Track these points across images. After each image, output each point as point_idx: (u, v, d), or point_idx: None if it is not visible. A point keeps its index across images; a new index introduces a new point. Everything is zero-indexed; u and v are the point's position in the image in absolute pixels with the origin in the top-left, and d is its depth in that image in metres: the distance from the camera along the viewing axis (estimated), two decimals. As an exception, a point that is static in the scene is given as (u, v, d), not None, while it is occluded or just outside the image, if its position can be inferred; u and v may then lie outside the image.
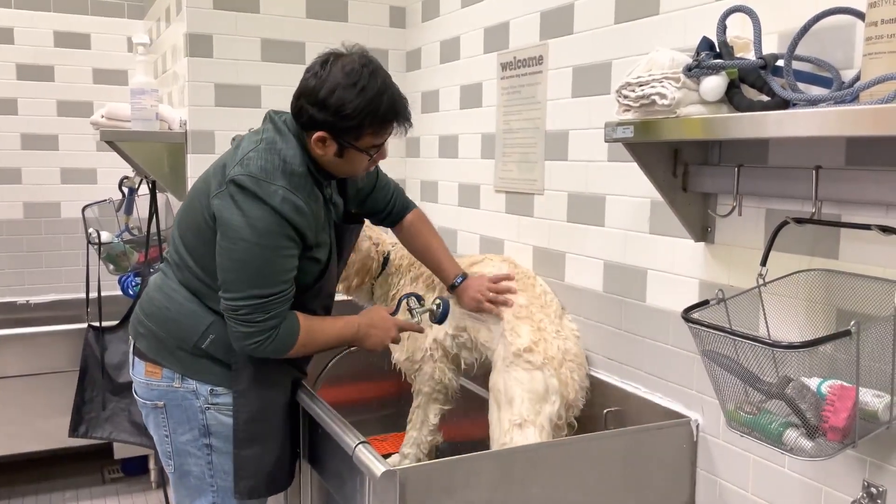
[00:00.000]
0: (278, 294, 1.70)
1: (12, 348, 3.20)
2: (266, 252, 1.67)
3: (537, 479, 1.63)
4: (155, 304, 1.87)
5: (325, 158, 1.75)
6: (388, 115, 1.71)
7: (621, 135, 1.54)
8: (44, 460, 3.68)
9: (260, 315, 1.69)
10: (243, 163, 1.69)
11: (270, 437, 1.87)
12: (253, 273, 1.68)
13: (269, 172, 1.68)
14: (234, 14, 2.85)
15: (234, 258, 1.68)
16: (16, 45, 3.82)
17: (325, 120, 1.67)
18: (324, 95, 1.65)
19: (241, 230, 1.66)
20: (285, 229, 1.67)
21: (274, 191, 1.66)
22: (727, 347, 1.33)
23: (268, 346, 1.72)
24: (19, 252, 3.94)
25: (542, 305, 2.07)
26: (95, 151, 3.96)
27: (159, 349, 1.85)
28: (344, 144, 1.71)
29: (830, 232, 1.45)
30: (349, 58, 1.70)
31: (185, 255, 1.82)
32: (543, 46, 2.28)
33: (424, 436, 2.30)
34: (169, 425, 1.88)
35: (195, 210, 1.79)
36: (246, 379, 1.82)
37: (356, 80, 1.66)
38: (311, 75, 1.69)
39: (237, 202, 1.66)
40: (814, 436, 1.27)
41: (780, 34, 1.53)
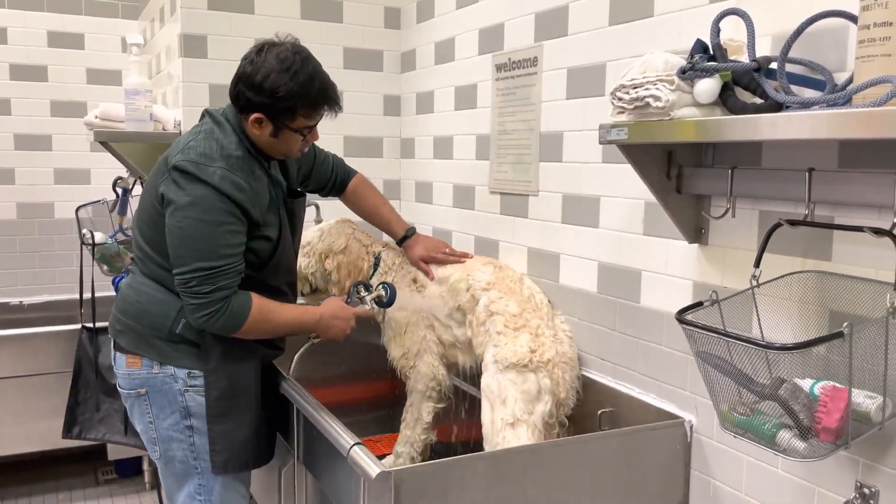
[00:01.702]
0: (224, 266, 1.80)
1: (6, 349, 3.19)
2: (210, 227, 1.78)
3: (532, 479, 1.63)
4: (127, 300, 1.97)
5: (261, 139, 1.88)
6: (319, 98, 1.86)
7: (615, 137, 1.54)
8: (37, 461, 3.66)
9: (207, 286, 1.79)
10: (184, 151, 1.82)
11: (242, 412, 1.95)
12: (199, 246, 1.78)
13: (207, 156, 1.81)
14: (229, 14, 2.84)
15: (181, 234, 1.79)
16: (9, 45, 3.80)
17: (262, 102, 1.81)
18: (259, 80, 1.80)
19: (185, 208, 1.78)
20: (227, 205, 1.79)
21: (213, 171, 1.79)
22: (721, 349, 1.33)
23: (218, 319, 1.81)
24: (13, 252, 3.92)
25: (535, 308, 2.08)
26: (89, 152, 3.94)
27: (138, 341, 1.94)
28: (279, 125, 1.85)
29: (823, 234, 1.46)
30: (282, 46, 1.84)
31: (145, 248, 1.93)
32: (538, 48, 2.28)
33: (418, 434, 2.30)
34: (152, 411, 1.96)
35: (146, 202, 1.91)
36: (215, 357, 1.91)
37: (289, 65, 1.80)
38: (248, 62, 1.84)
39: (179, 185, 1.79)
40: (807, 437, 1.28)
41: (773, 36, 1.53)
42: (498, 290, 2.10)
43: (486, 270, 2.17)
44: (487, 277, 2.14)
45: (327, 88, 1.88)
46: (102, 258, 3.24)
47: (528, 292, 2.14)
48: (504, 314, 2.01)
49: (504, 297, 2.06)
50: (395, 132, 3.22)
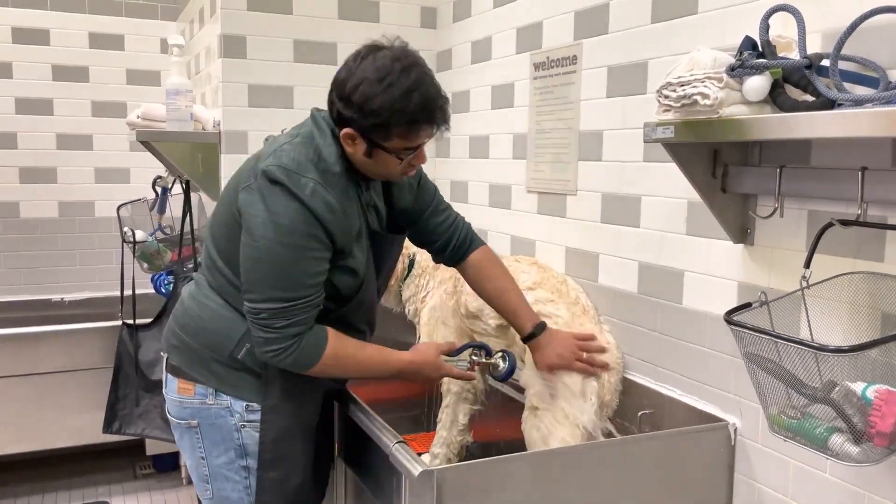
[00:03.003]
0: (301, 299, 1.59)
1: (48, 345, 3.26)
2: (290, 251, 1.57)
3: (573, 481, 1.62)
4: (188, 314, 1.78)
5: (355, 157, 1.65)
6: (417, 116, 1.57)
7: (661, 135, 1.52)
8: (77, 455, 3.73)
9: (280, 321, 1.58)
10: (276, 154, 1.61)
11: (298, 457, 1.76)
12: (275, 274, 1.58)
13: (301, 164, 1.59)
14: (268, 15, 2.87)
15: (256, 257, 1.59)
16: (51, 47, 3.88)
17: (351, 116, 1.57)
18: (349, 90, 1.56)
19: (264, 226, 1.57)
20: (313, 228, 1.57)
21: (304, 183, 1.57)
22: (770, 351, 1.31)
23: (287, 356, 1.61)
24: (54, 250, 4.00)
25: (583, 311, 2.06)
26: (129, 151, 4.01)
27: (193, 362, 1.76)
28: (372, 143, 1.60)
29: (876, 234, 1.43)
30: (384, 52, 1.58)
31: (216, 258, 1.74)
32: (577, 46, 2.27)
33: (454, 436, 2.30)
34: (204, 446, 1.78)
35: (225, 207, 1.70)
36: (276, 392, 1.71)
37: (384, 75, 1.54)
38: (343, 68, 1.61)
39: (264, 195, 1.57)
40: (860, 441, 1.25)
41: (823, 33, 1.50)
42: (544, 289, 2.08)
43: (530, 271, 2.17)
44: (533, 277, 2.13)
45: (430, 103, 1.57)
46: (142, 256, 3.30)
47: (574, 294, 2.12)
48: (552, 317, 2.00)
49: (553, 301, 2.05)
50: (431, 131, 3.21)
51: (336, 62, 2.96)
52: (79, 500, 3.44)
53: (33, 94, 3.87)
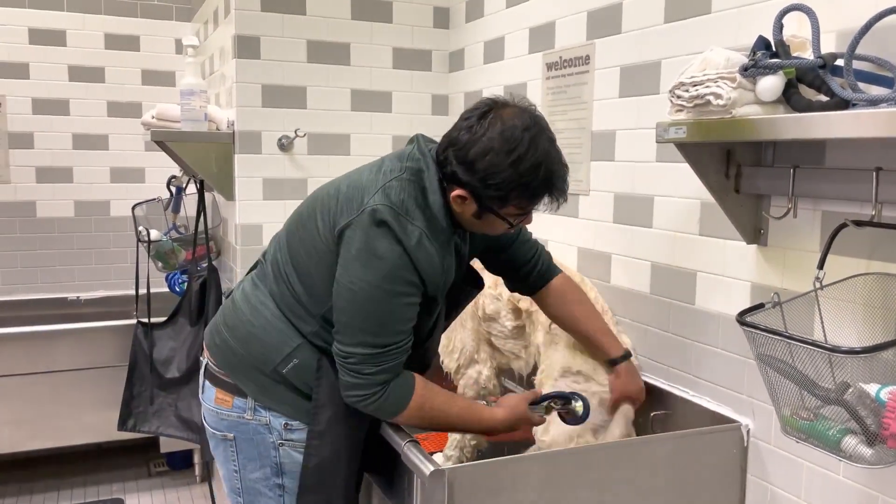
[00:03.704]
0: (392, 346, 1.54)
1: (63, 343, 3.29)
2: (387, 296, 1.51)
3: (585, 481, 1.62)
4: (239, 315, 1.71)
5: (462, 216, 1.59)
6: (540, 190, 1.53)
7: (674, 135, 1.52)
8: (92, 453, 3.77)
9: (369, 367, 1.53)
10: (385, 192, 1.54)
11: (338, 486, 1.69)
12: (369, 318, 1.53)
13: (409, 209, 1.53)
14: (281, 16, 2.88)
15: (352, 299, 1.53)
16: (68, 48, 3.92)
17: (469, 182, 1.51)
18: (473, 157, 1.49)
19: (364, 268, 1.51)
20: (411, 274, 1.52)
21: (411, 231, 1.52)
22: (783, 352, 1.31)
23: (372, 403, 1.56)
24: (70, 249, 4.03)
25: (602, 312, 2.06)
26: (144, 151, 4.04)
27: (234, 366, 1.70)
28: (485, 208, 1.55)
29: (891, 235, 1.42)
30: (511, 115, 1.51)
31: (288, 269, 1.67)
32: (590, 46, 2.26)
33: (468, 440, 2.29)
34: (238, 460, 1.73)
35: (314, 227, 1.62)
36: (325, 420, 1.64)
37: (513, 146, 1.47)
38: (466, 127, 1.53)
39: (370, 236, 1.51)
40: (873, 443, 1.24)
41: (837, 33, 1.50)
42: None
43: None
44: None
45: (554, 177, 1.53)
46: (157, 255, 3.32)
47: (593, 294, 2.12)
48: None
49: None
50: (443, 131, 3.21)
51: (349, 62, 2.99)
52: (93, 496, 3.47)
53: (50, 95, 3.91)
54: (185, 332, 3.17)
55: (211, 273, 3.16)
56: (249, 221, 2.93)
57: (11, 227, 3.92)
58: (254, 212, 2.92)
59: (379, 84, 3.07)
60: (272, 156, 2.92)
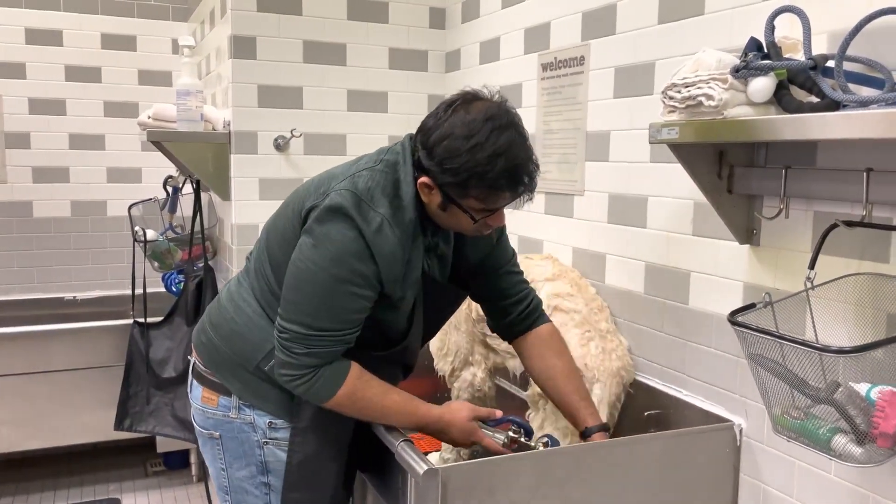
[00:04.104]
0: (327, 332, 1.52)
1: (60, 343, 3.29)
2: (332, 282, 1.50)
3: (578, 481, 1.63)
4: (223, 314, 1.73)
5: (430, 207, 1.58)
6: (499, 182, 1.49)
7: (666, 136, 1.53)
8: (89, 452, 3.77)
9: (299, 347, 1.53)
10: (353, 179, 1.54)
11: (322, 484, 1.68)
12: (310, 300, 1.52)
13: (374, 196, 1.52)
14: (277, 16, 2.88)
15: (298, 277, 1.53)
16: (64, 48, 3.92)
17: (430, 168, 1.51)
18: (433, 141, 1.50)
19: (314, 248, 1.51)
20: (363, 265, 1.50)
21: (372, 217, 1.50)
22: (774, 351, 1.32)
23: (300, 385, 1.56)
24: (67, 249, 4.04)
25: (600, 309, 2.07)
26: (140, 151, 4.05)
27: (219, 364, 1.71)
28: (448, 198, 1.53)
29: (881, 235, 1.43)
30: (479, 105, 1.51)
31: (265, 263, 1.68)
32: (585, 47, 2.27)
33: None
34: (225, 459, 1.74)
35: (286, 217, 1.63)
36: (308, 416, 1.65)
37: (472, 133, 1.46)
38: (433, 114, 1.54)
39: (325, 219, 1.50)
40: (863, 442, 1.25)
41: (829, 34, 1.50)
42: (563, 282, 2.09)
43: (544, 264, 2.18)
44: (551, 270, 2.14)
45: (515, 171, 1.50)
46: (153, 255, 3.32)
47: (592, 290, 2.13)
48: (570, 313, 2.00)
49: (573, 295, 2.06)
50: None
51: (345, 63, 3.00)
52: (90, 496, 3.48)
53: (46, 95, 3.91)
54: (181, 331, 3.18)
55: (207, 273, 3.16)
56: (245, 221, 2.93)
57: (8, 226, 3.92)
58: (250, 212, 2.92)
59: (375, 84, 3.07)
60: (268, 156, 2.93)
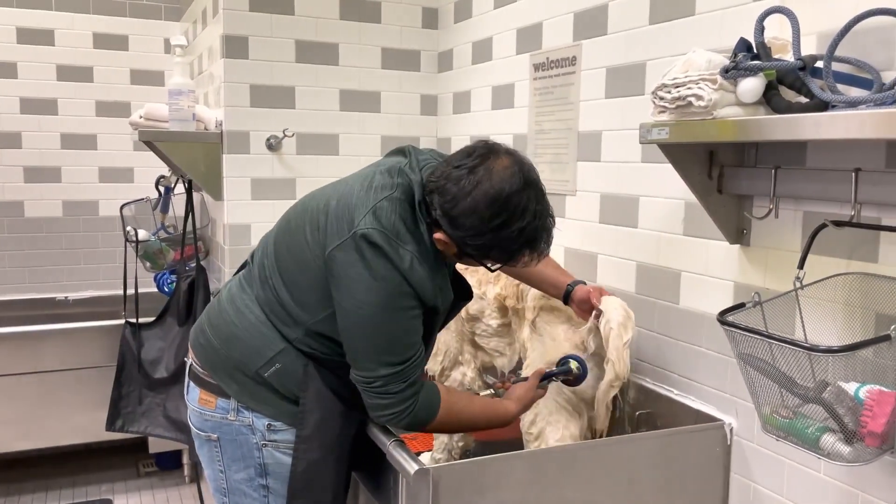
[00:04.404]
0: (411, 360, 1.56)
1: (51, 343, 3.28)
2: (394, 315, 1.53)
3: (569, 480, 1.63)
4: (224, 316, 1.72)
5: (445, 252, 1.59)
6: (519, 251, 1.53)
7: (656, 136, 1.53)
8: (81, 453, 3.76)
9: (396, 385, 1.55)
10: (375, 215, 1.52)
11: (326, 489, 1.70)
12: (383, 341, 1.54)
13: (400, 232, 1.52)
14: (270, 16, 2.88)
15: (361, 324, 1.54)
16: (56, 47, 3.90)
17: (452, 234, 1.52)
18: (457, 213, 1.48)
19: (367, 291, 1.51)
20: (409, 289, 1.53)
21: (403, 255, 1.51)
22: (763, 351, 1.32)
23: (405, 417, 1.58)
24: (58, 249, 4.02)
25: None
26: (132, 151, 4.03)
27: (216, 366, 1.70)
28: (465, 254, 1.57)
29: (870, 235, 1.43)
30: (502, 172, 1.47)
31: (274, 276, 1.67)
32: (577, 47, 2.27)
33: (455, 441, 2.30)
34: (223, 461, 1.74)
35: (303, 239, 1.62)
36: (312, 425, 1.66)
37: (499, 210, 1.46)
38: (455, 178, 1.49)
39: (366, 259, 1.50)
40: (852, 441, 1.26)
41: (818, 35, 1.51)
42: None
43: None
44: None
45: (537, 239, 1.52)
46: (145, 255, 3.32)
47: None
48: (554, 311, 2.01)
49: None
50: (432, 132, 3.23)
51: (337, 62, 3.00)
52: (82, 497, 3.46)
53: (38, 94, 3.89)
54: (173, 332, 3.17)
55: (199, 273, 3.15)
56: (238, 221, 2.93)
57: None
58: (242, 212, 2.92)
59: (367, 84, 3.07)
60: (260, 156, 2.92)
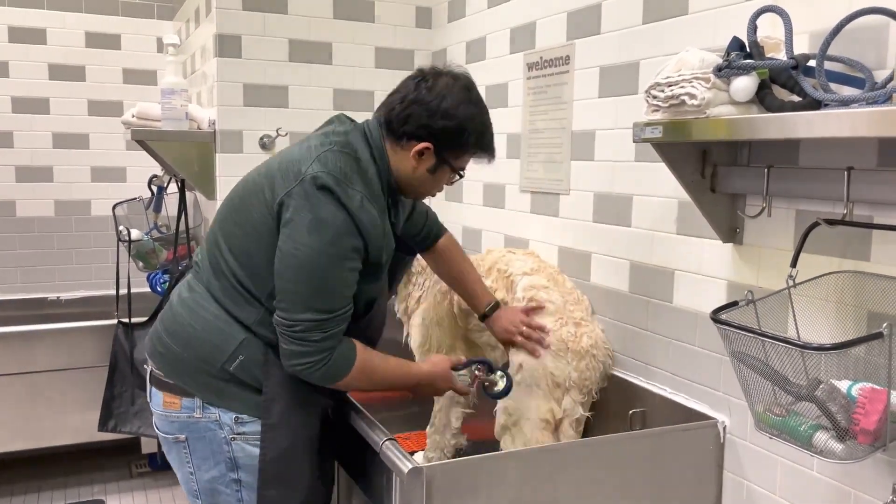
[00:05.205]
0: (338, 312, 1.57)
1: (43, 343, 3.26)
2: (332, 261, 1.54)
3: (563, 479, 1.63)
4: (178, 320, 1.70)
5: (412, 174, 1.68)
6: (488, 141, 1.72)
7: (650, 135, 1.54)
8: (73, 454, 3.74)
9: (317, 333, 1.55)
10: (321, 161, 1.57)
11: (299, 477, 1.70)
12: (315, 285, 1.54)
13: (348, 175, 1.57)
14: (263, 15, 2.87)
15: (297, 265, 1.54)
16: (48, 46, 3.89)
17: (442, 129, 1.62)
18: (447, 106, 1.61)
19: (309, 233, 1.53)
20: (355, 240, 1.56)
21: (352, 194, 1.55)
22: (756, 349, 1.32)
23: (318, 369, 1.58)
24: (50, 249, 4.00)
25: (577, 301, 2.08)
26: (125, 150, 4.02)
27: (180, 371, 1.68)
28: (442, 160, 1.66)
29: (862, 233, 1.44)
30: (459, 74, 1.68)
31: (227, 257, 1.65)
32: (570, 46, 2.28)
33: (447, 439, 2.30)
34: (193, 461, 1.72)
35: (248, 208, 1.63)
36: (278, 410, 1.65)
37: (477, 98, 1.69)
38: (425, 88, 1.63)
39: (311, 202, 1.53)
40: (844, 438, 1.26)
41: (810, 34, 1.52)
42: (540, 276, 2.11)
43: (526, 259, 2.19)
44: (530, 264, 2.15)
45: (490, 131, 1.73)
46: (138, 255, 3.30)
47: (569, 285, 2.14)
48: (545, 303, 2.02)
49: (548, 287, 2.07)
50: (426, 131, 3.22)
51: (331, 62, 2.99)
52: (74, 498, 3.44)
53: (30, 93, 3.88)
54: (166, 332, 3.16)
55: (192, 273, 3.14)
56: (231, 221, 2.92)
57: (-9, 226, 3.89)
58: (235, 211, 2.91)
59: (361, 83, 3.07)
60: (253, 155, 2.91)
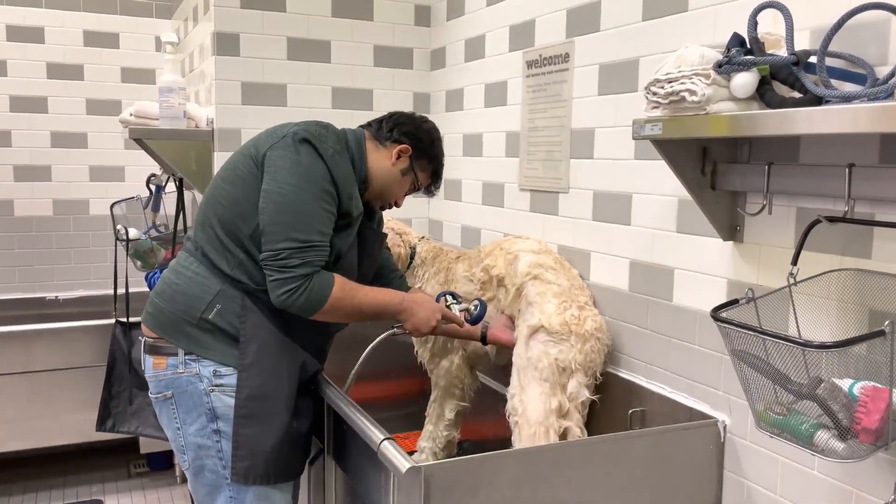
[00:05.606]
0: (315, 243, 1.77)
1: (41, 343, 3.26)
2: (310, 197, 1.77)
3: (562, 478, 1.62)
4: (165, 281, 1.92)
5: (389, 169, 1.97)
6: (441, 175, 2.09)
7: (649, 132, 1.52)
8: (71, 454, 3.74)
9: (295, 260, 1.74)
10: (302, 125, 1.86)
11: (272, 417, 1.84)
12: (295, 217, 1.76)
13: (325, 136, 1.85)
14: (261, 13, 2.86)
15: (280, 201, 1.76)
16: (46, 45, 3.88)
17: (423, 138, 1.99)
18: (429, 128, 2.03)
19: (290, 173, 1.77)
20: (328, 185, 1.79)
21: (327, 147, 1.82)
22: (757, 347, 1.31)
23: (300, 297, 1.75)
24: (49, 248, 4.00)
25: (581, 288, 2.08)
26: (123, 149, 4.01)
27: (165, 324, 1.87)
28: (412, 167, 1.99)
29: (863, 231, 1.43)
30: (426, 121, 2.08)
31: (215, 209, 1.86)
32: (569, 44, 2.26)
33: (440, 430, 2.31)
34: (179, 415, 1.88)
35: (235, 167, 1.87)
36: (252, 352, 1.83)
37: (437, 135, 2.07)
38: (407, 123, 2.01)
39: (294, 151, 1.79)
40: (846, 437, 1.25)
41: (811, 30, 1.51)
42: (548, 257, 2.12)
43: (530, 243, 2.19)
44: (534, 246, 2.17)
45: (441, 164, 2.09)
46: (136, 254, 3.29)
47: (575, 272, 2.16)
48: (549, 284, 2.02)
49: (556, 269, 2.08)
50: (425, 130, 3.21)
51: (329, 60, 2.98)
52: (73, 498, 3.44)
53: (28, 92, 3.87)
54: (164, 331, 3.15)
55: (191, 272, 3.13)
56: (229, 220, 2.91)
57: (-11, 226, 3.88)
58: (234, 210, 2.90)
59: (360, 82, 3.06)
60: (252, 154, 2.90)
